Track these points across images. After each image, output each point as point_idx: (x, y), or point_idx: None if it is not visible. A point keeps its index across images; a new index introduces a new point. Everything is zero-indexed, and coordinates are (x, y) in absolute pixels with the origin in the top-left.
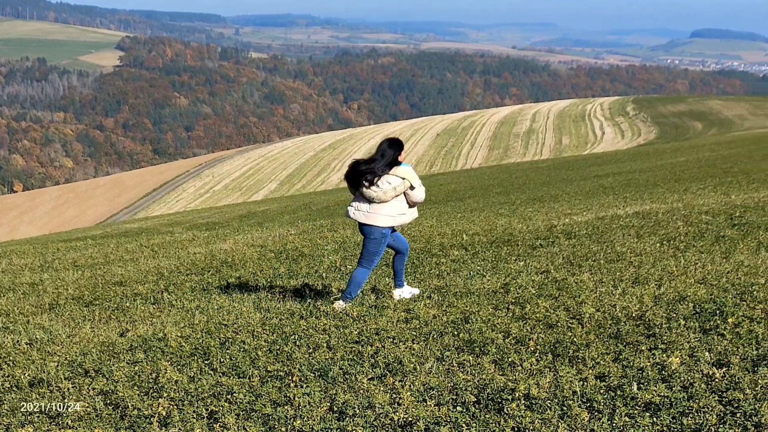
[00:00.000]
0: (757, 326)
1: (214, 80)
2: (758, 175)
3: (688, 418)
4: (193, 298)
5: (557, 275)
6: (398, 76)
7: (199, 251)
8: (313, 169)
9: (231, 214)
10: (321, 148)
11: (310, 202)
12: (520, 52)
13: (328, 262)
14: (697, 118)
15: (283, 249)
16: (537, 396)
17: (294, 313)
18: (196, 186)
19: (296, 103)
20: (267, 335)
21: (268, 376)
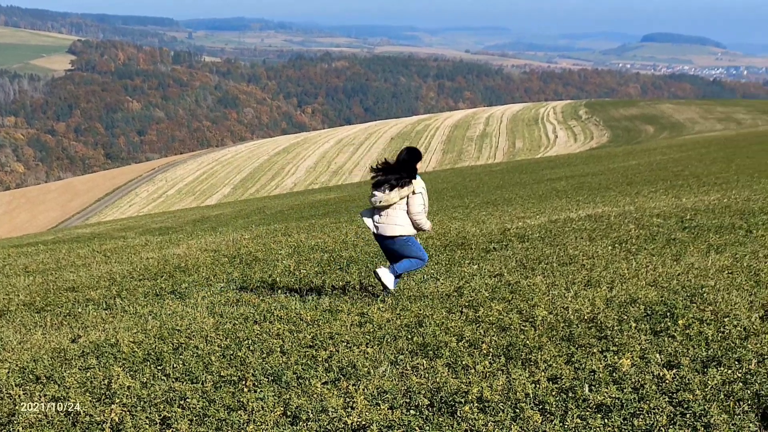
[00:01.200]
0: (706, 328)
1: (167, 84)
2: (708, 178)
3: (639, 419)
4: (146, 304)
5: (510, 278)
6: (352, 80)
7: (152, 256)
8: (267, 173)
9: (184, 218)
10: (275, 152)
11: (264, 206)
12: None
13: (282, 266)
14: (648, 121)
15: (237, 253)
16: (490, 398)
17: (248, 318)
18: (149, 191)
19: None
20: (220, 340)
21: (221, 382)
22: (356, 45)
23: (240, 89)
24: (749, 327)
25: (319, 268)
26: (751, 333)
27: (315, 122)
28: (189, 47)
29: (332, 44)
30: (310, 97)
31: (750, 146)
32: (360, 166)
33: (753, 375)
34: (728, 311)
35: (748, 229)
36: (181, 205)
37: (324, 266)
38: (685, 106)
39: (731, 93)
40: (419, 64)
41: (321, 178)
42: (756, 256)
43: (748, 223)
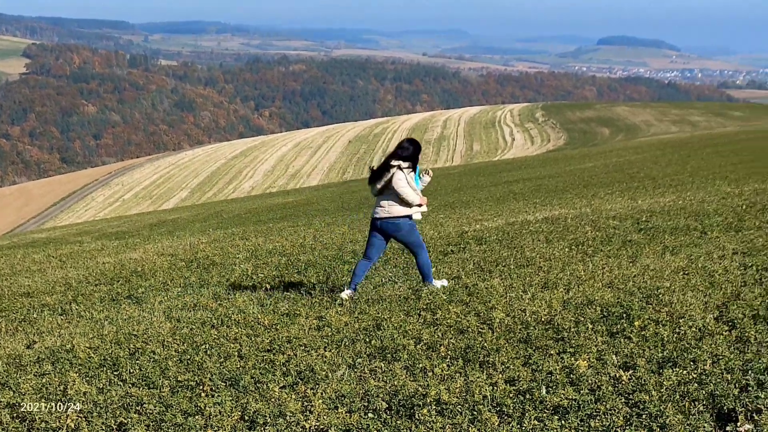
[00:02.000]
0: (662, 329)
1: (122, 88)
2: (664, 180)
3: (596, 420)
4: (102, 309)
5: (468, 281)
6: (309, 83)
7: (109, 261)
8: (224, 177)
9: (141, 222)
10: (232, 156)
11: (221, 210)
12: (430, 59)
13: (240, 270)
14: (604, 124)
15: (194, 258)
16: (448, 401)
17: (205, 323)
18: (106, 195)
19: (207, 110)
20: (177, 345)
21: (178, 387)
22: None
23: (197, 93)
24: (704, 328)
25: (276, 272)
26: (705, 334)
27: (273, 126)
28: (145, 50)
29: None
30: (268, 100)
31: (704, 148)
32: (318, 170)
33: (708, 375)
34: (683, 312)
35: (702, 230)
36: (137, 210)
37: (282, 270)
38: (640, 108)
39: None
40: (377, 67)
41: (279, 181)
42: (710, 258)
43: (703, 224)
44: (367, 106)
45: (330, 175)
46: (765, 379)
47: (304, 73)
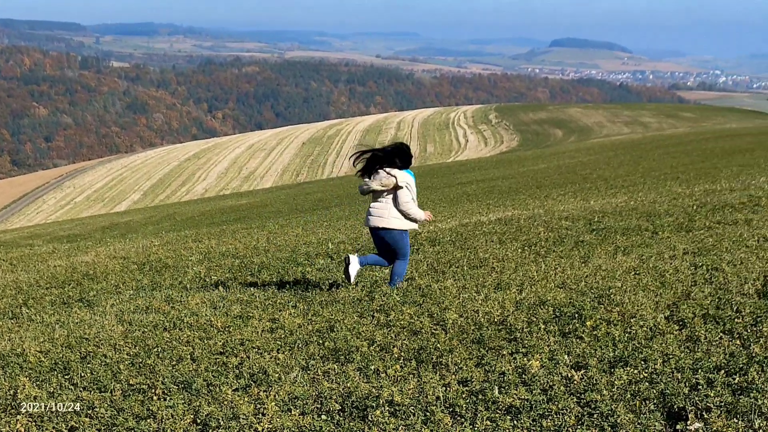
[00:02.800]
0: (614, 329)
1: (74, 90)
2: (616, 181)
3: (548, 420)
4: (53, 312)
5: (421, 282)
6: (263, 85)
7: (60, 264)
8: (177, 179)
9: (93, 225)
10: (185, 158)
11: (174, 212)
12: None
13: (193, 273)
14: (557, 125)
15: (147, 260)
16: (401, 402)
17: (157, 326)
18: (57, 198)
19: (159, 112)
20: (129, 348)
21: (130, 390)
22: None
23: (149, 95)
24: (655, 327)
25: (230, 274)
26: (656, 333)
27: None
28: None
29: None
30: (221, 102)
31: (656, 149)
32: (272, 172)
33: (658, 374)
34: (635, 312)
35: (654, 230)
36: (89, 212)
37: (235, 272)
38: (592, 110)
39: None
40: (330, 69)
41: (232, 183)
42: (661, 257)
43: (654, 224)
44: (320, 108)
45: (284, 176)
46: (715, 377)
47: (258, 75)
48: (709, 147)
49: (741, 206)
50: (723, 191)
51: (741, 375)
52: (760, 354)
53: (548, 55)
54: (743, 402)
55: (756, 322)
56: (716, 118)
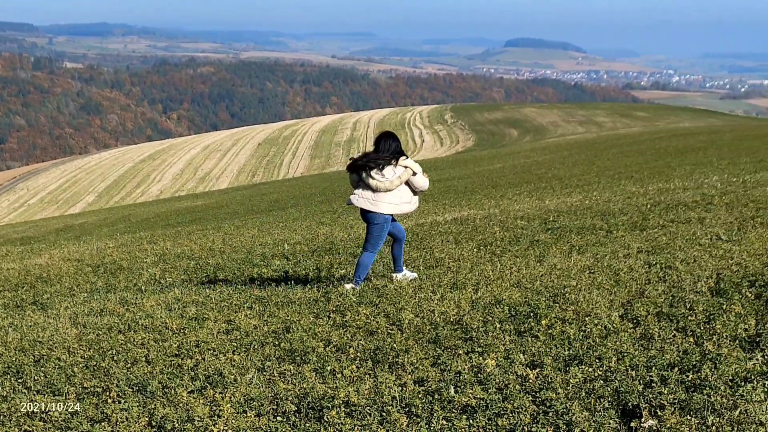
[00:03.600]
0: (568, 327)
1: (27, 91)
2: (571, 180)
3: (503, 418)
4: (6, 315)
5: (377, 282)
6: (218, 85)
7: (13, 267)
8: (132, 181)
9: (47, 227)
10: (140, 159)
11: (129, 214)
12: (339, 62)
13: (148, 274)
14: (512, 125)
15: (101, 262)
16: (357, 403)
17: (112, 328)
18: (10, 200)
19: (114, 113)
20: (83, 351)
21: (84, 393)
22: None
23: (103, 95)
24: (609, 325)
25: (185, 276)
26: (611, 331)
27: (181, 128)
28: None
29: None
30: (176, 103)
31: (610, 149)
32: (227, 173)
33: (613, 372)
34: (589, 310)
35: (608, 229)
36: (43, 215)
37: (191, 274)
38: (547, 109)
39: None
40: (286, 69)
41: (188, 184)
42: (616, 256)
43: (609, 223)
44: (276, 109)
45: (240, 177)
46: (668, 375)
47: (213, 76)
48: (662, 146)
49: (694, 205)
50: (676, 190)
51: (694, 372)
52: (713, 351)
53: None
54: (696, 399)
55: (709, 319)
56: (670, 117)
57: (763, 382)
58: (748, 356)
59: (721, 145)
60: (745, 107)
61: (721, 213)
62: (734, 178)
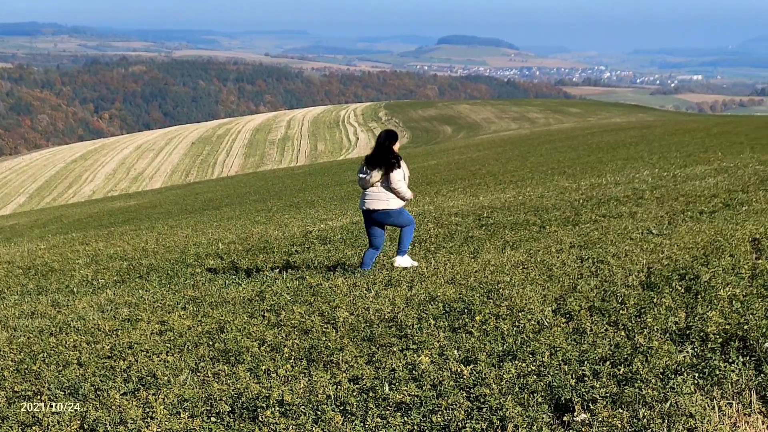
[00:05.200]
0: (502, 323)
1: None
2: (504, 176)
3: (437, 415)
4: None
5: (312, 281)
6: (150, 84)
7: None
8: (64, 181)
9: None
10: (72, 159)
11: (61, 215)
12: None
13: (80, 276)
14: (446, 122)
15: (32, 264)
16: (291, 402)
17: (43, 331)
18: None
19: (44, 113)
20: (14, 354)
21: (15, 397)
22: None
23: (33, 95)
24: (542, 320)
25: (118, 276)
26: (544, 326)
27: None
28: None
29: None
30: (108, 102)
31: (543, 145)
32: (160, 172)
33: (546, 367)
34: (523, 306)
35: (541, 225)
36: None
37: (123, 275)
38: (480, 106)
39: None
40: (219, 67)
41: (121, 184)
42: (549, 251)
43: (542, 219)
44: (209, 107)
45: (173, 177)
46: (600, 369)
47: (145, 75)
48: (594, 141)
49: (625, 199)
50: (608, 185)
51: (625, 366)
52: (644, 344)
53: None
54: (628, 392)
55: (640, 313)
56: (601, 113)
57: (693, 374)
58: (678, 349)
59: (652, 140)
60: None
61: (652, 207)
62: (665, 173)
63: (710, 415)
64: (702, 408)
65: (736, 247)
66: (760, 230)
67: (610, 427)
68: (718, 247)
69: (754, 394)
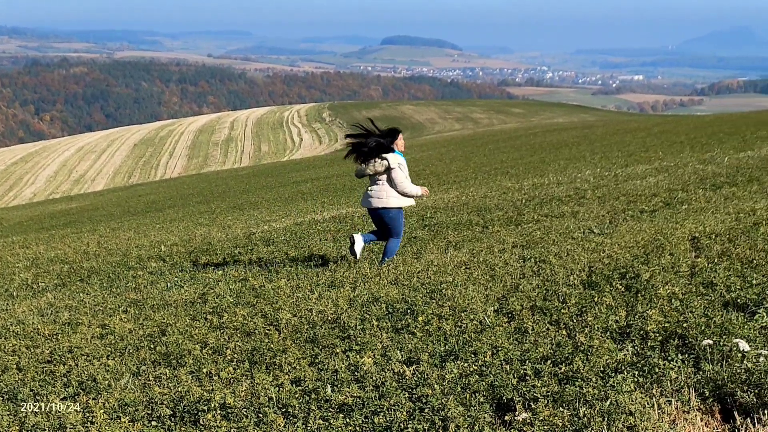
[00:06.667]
0: (445, 323)
1: None
2: (448, 176)
3: (380, 416)
4: None
5: (255, 282)
6: (92, 86)
7: None
8: (4, 184)
9: None
10: (12, 162)
11: (1, 218)
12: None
13: (19, 280)
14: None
15: None
16: (233, 405)
17: None
18: None
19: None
20: None
21: None
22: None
23: None
24: (485, 320)
25: (59, 280)
26: (486, 326)
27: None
28: None
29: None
30: (49, 104)
31: (486, 145)
32: (103, 174)
33: (488, 367)
34: (465, 306)
35: (484, 225)
36: None
37: (64, 278)
38: (424, 107)
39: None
40: (161, 68)
41: (62, 187)
42: (491, 251)
43: (485, 219)
44: (152, 109)
45: (116, 179)
46: (542, 368)
47: (86, 76)
48: (537, 141)
49: (568, 199)
50: (551, 185)
51: (566, 364)
52: (585, 343)
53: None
54: (569, 391)
55: (581, 312)
56: (544, 113)
57: (633, 372)
58: (619, 347)
59: (594, 140)
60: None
61: (594, 207)
62: (606, 172)
63: (650, 412)
64: (641, 406)
65: (676, 246)
66: (699, 229)
67: (550, 426)
68: (658, 246)
69: (692, 392)
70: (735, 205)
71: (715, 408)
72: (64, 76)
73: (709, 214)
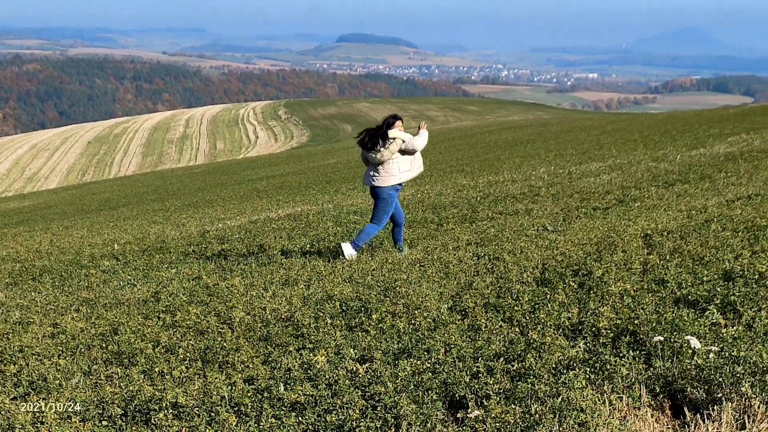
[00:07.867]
0: (398, 321)
1: None
2: None
3: (332, 414)
4: None
5: (209, 281)
6: (45, 83)
7: None
8: None
9: None
10: None
11: None
12: (170, 58)
13: None
14: (346, 120)
15: None
16: (185, 404)
17: None
18: None
19: None
20: None
21: None
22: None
23: None
24: (438, 318)
25: (10, 279)
26: (439, 323)
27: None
28: None
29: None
30: (1, 101)
31: (442, 142)
32: (56, 172)
33: (441, 364)
34: (419, 303)
35: (439, 222)
36: None
37: (15, 277)
38: (380, 104)
39: (424, 91)
40: (115, 66)
41: (15, 185)
42: (446, 249)
43: (440, 216)
44: (106, 106)
45: (69, 177)
46: (494, 365)
47: (39, 73)
48: (492, 139)
49: (522, 197)
50: (505, 182)
51: (519, 361)
52: (537, 340)
53: (336, 50)
54: (521, 388)
55: (534, 309)
56: (499, 111)
57: (585, 369)
58: (571, 344)
59: (549, 138)
60: (572, 100)
61: (548, 204)
62: (560, 170)
63: (601, 409)
64: (593, 402)
65: (629, 243)
66: (651, 226)
67: (502, 423)
68: (611, 243)
69: (643, 388)
70: (687, 203)
71: (666, 404)
72: (17, 73)
73: (662, 211)
